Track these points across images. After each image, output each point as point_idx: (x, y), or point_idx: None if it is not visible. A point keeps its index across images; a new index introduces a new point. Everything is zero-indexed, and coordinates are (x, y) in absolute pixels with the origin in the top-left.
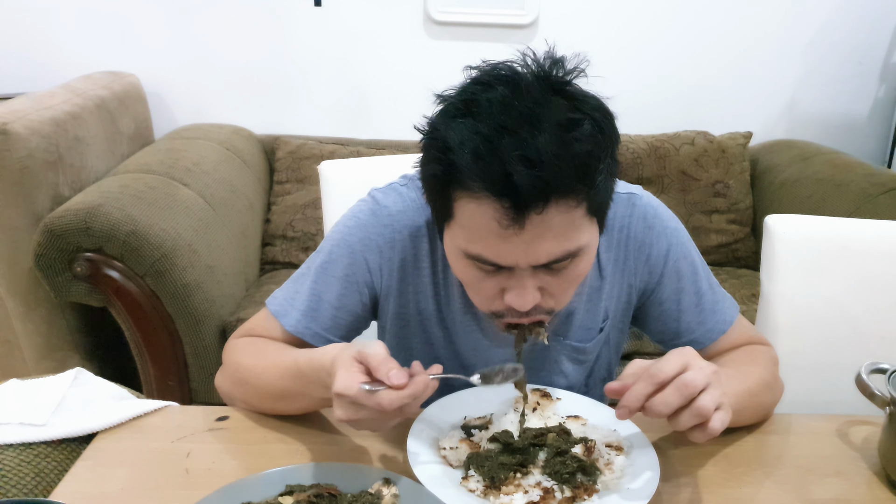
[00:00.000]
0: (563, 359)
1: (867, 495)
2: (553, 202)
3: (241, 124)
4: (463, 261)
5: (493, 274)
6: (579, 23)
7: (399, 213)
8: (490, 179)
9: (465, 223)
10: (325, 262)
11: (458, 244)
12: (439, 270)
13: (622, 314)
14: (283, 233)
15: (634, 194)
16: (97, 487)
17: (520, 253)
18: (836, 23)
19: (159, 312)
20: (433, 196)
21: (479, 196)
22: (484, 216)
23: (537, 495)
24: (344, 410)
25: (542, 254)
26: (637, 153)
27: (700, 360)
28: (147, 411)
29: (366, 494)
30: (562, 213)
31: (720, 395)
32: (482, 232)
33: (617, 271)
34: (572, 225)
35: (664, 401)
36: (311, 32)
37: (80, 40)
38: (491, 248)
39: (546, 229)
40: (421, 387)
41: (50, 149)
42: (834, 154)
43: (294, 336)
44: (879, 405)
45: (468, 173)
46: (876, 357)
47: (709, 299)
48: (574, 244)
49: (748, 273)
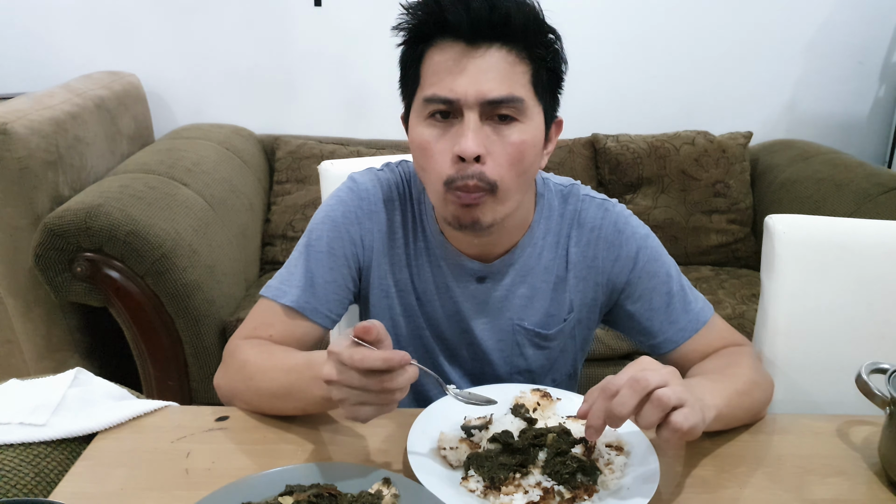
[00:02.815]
0: (525, 342)
1: (867, 495)
2: (504, 43)
3: (241, 124)
4: (422, 124)
5: (445, 130)
6: (579, 23)
7: (374, 188)
8: (452, 12)
9: (427, 74)
10: (313, 241)
11: (418, 105)
12: (410, 241)
13: (588, 310)
14: (283, 233)
15: (608, 201)
16: (97, 487)
17: (468, 82)
18: (836, 23)
19: (159, 312)
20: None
21: (441, 43)
22: (444, 56)
23: (537, 495)
24: (331, 367)
25: (487, 87)
26: (637, 153)
27: (656, 364)
28: (147, 411)
29: (366, 494)
30: (504, 60)
31: (682, 392)
32: (440, 73)
33: (585, 267)
34: (517, 76)
35: (620, 401)
36: (311, 32)
37: (80, 40)
38: (445, 85)
39: (493, 66)
40: (396, 358)
41: (50, 149)
42: (834, 154)
43: (295, 311)
44: (879, 405)
45: (433, 18)
46: (876, 357)
47: (679, 299)
48: (517, 91)
49: (748, 273)
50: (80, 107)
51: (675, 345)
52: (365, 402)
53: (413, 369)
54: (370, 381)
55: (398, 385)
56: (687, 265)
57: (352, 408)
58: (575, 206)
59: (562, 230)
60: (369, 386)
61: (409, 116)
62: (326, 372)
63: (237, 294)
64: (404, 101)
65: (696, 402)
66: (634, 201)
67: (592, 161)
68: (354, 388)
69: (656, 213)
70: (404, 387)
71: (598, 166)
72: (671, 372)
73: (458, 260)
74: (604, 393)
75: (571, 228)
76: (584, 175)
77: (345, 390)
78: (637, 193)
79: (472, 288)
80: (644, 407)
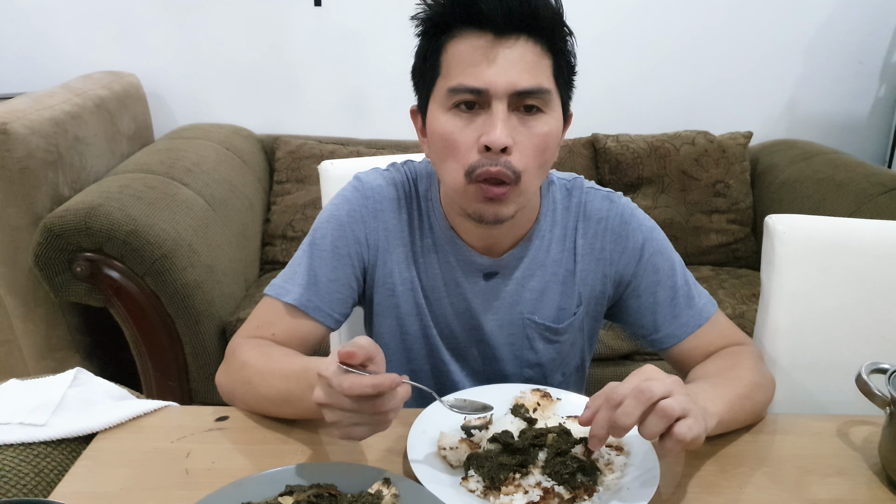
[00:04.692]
0: (535, 336)
1: (867, 495)
2: (530, 35)
3: (241, 124)
4: (444, 115)
5: (470, 120)
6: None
7: (380, 188)
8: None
9: (449, 65)
10: (317, 239)
11: (441, 96)
12: (417, 239)
13: (596, 302)
14: (283, 233)
15: (613, 193)
16: (97, 487)
17: (499, 72)
18: (836, 23)
19: (159, 312)
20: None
21: (464, 33)
22: (468, 46)
23: (537, 495)
24: (320, 391)
25: (518, 78)
26: (637, 153)
27: (660, 373)
28: (147, 411)
29: (366, 494)
30: (531, 52)
31: (686, 402)
32: (465, 62)
33: (592, 259)
34: (540, 67)
35: (624, 412)
36: (310, 32)
37: (80, 40)
38: (473, 74)
39: (518, 60)
40: (386, 382)
41: (50, 149)
42: (834, 154)
43: (297, 309)
44: (879, 405)
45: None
46: (876, 357)
47: (684, 294)
48: (544, 82)
49: (748, 273)
50: (80, 107)
51: (677, 340)
52: (358, 423)
53: (405, 388)
54: (362, 406)
55: (390, 407)
56: (687, 265)
57: (345, 429)
58: (580, 198)
59: (568, 223)
60: (361, 409)
61: (428, 107)
62: (317, 396)
63: (237, 294)
64: (419, 93)
65: (700, 411)
66: (634, 201)
67: (592, 161)
68: (346, 411)
69: (656, 213)
70: (397, 407)
71: (598, 166)
72: (675, 381)
73: (467, 255)
74: (608, 402)
75: (578, 221)
76: (584, 175)
77: (337, 413)
78: (637, 193)
79: (482, 284)
80: (648, 417)
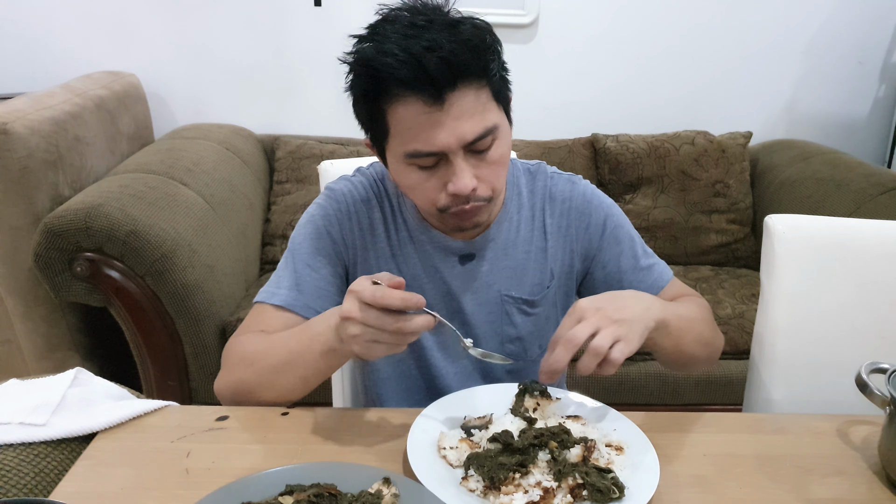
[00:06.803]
0: (514, 311)
1: (867, 495)
2: (461, 84)
3: (241, 124)
4: (406, 168)
5: (432, 172)
6: (579, 23)
7: (350, 192)
8: (408, 74)
9: (398, 128)
10: (297, 245)
11: (397, 154)
12: (392, 233)
13: (566, 277)
14: (283, 233)
15: (574, 176)
16: (97, 487)
17: (448, 134)
18: (836, 23)
19: (159, 312)
20: (368, 118)
21: (403, 97)
22: (411, 111)
23: (537, 495)
24: (350, 304)
25: (466, 131)
26: (637, 153)
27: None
28: (147, 411)
29: (366, 494)
30: (471, 94)
31: (613, 330)
32: (414, 129)
33: (560, 236)
34: (482, 106)
35: (556, 358)
36: (310, 32)
37: (80, 40)
38: (424, 140)
39: (462, 110)
40: (414, 299)
41: (50, 149)
42: (834, 154)
43: (286, 310)
44: (879, 405)
45: (390, 78)
46: (876, 357)
47: (644, 262)
48: (490, 121)
49: (748, 273)
50: (80, 107)
51: None
52: (377, 340)
53: (428, 317)
54: (387, 321)
55: (412, 328)
56: (687, 265)
57: (364, 344)
58: (544, 182)
59: (535, 205)
60: (385, 325)
61: (386, 157)
62: (346, 308)
63: (237, 294)
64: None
65: (634, 322)
66: (634, 201)
67: (592, 161)
68: (370, 326)
69: (656, 212)
70: (417, 331)
71: (597, 166)
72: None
73: (441, 241)
74: (551, 347)
75: (545, 203)
76: (584, 175)
77: (360, 327)
78: (637, 193)
79: (459, 268)
80: (583, 358)
